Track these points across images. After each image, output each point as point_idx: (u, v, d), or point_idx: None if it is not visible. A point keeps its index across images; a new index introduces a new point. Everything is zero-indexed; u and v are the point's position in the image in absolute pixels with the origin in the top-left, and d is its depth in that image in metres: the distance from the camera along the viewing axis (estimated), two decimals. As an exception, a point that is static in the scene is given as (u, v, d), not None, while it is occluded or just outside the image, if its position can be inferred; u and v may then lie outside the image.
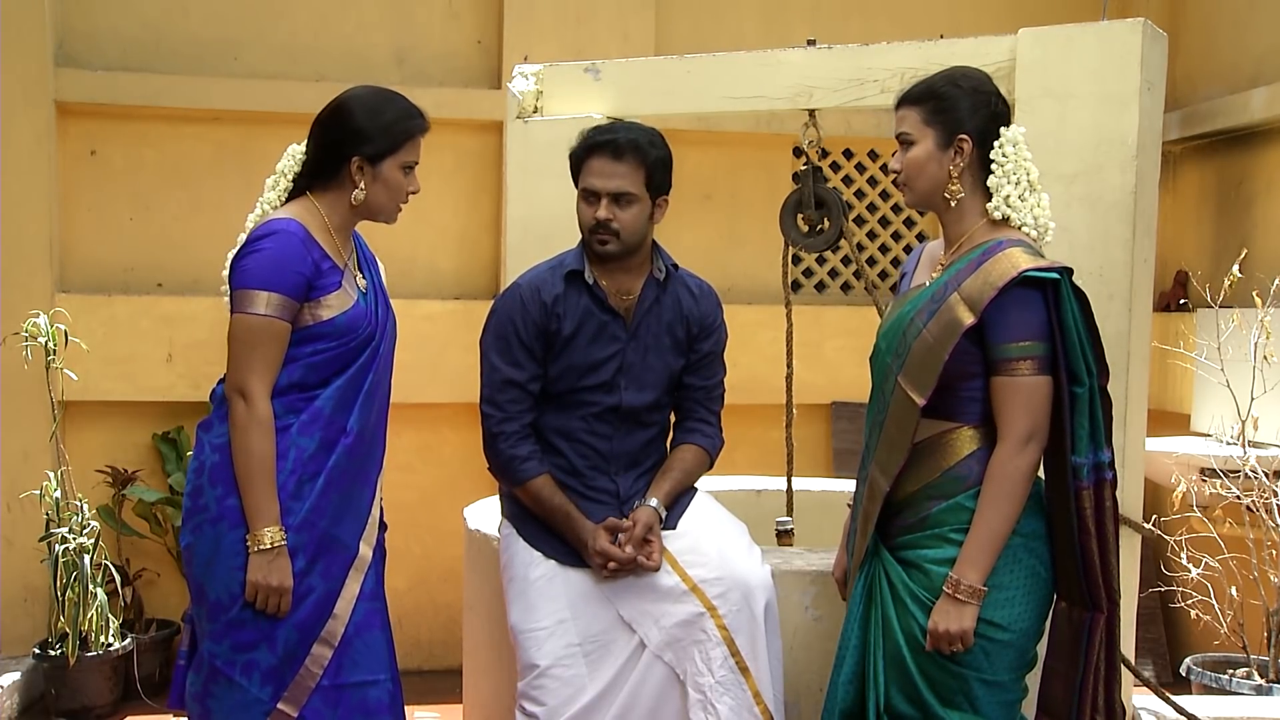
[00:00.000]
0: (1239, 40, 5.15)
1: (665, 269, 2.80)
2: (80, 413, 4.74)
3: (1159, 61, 2.96)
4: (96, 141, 4.91)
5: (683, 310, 2.81)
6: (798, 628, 2.76)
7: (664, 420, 2.86)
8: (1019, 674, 2.34)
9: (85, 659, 4.28)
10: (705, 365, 2.86)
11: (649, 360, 2.77)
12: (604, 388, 2.74)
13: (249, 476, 2.38)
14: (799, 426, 3.57)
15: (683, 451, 2.82)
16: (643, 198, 2.69)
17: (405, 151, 2.52)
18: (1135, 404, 2.92)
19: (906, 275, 2.52)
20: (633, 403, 2.75)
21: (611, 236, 2.68)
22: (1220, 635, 4.13)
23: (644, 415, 2.78)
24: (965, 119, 2.33)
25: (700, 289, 2.87)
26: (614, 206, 2.67)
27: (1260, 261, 4.63)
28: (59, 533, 4.24)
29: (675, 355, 2.80)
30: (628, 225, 2.68)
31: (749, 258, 5.37)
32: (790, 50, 3.21)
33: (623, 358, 2.75)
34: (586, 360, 2.73)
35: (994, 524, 2.24)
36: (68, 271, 4.87)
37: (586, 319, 2.73)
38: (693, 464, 2.82)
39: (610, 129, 2.74)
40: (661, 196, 2.74)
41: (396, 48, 5.14)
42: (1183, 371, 4.72)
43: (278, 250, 2.41)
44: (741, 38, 5.23)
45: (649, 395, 2.77)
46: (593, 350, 2.73)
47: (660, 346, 2.78)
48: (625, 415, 2.76)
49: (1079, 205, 2.85)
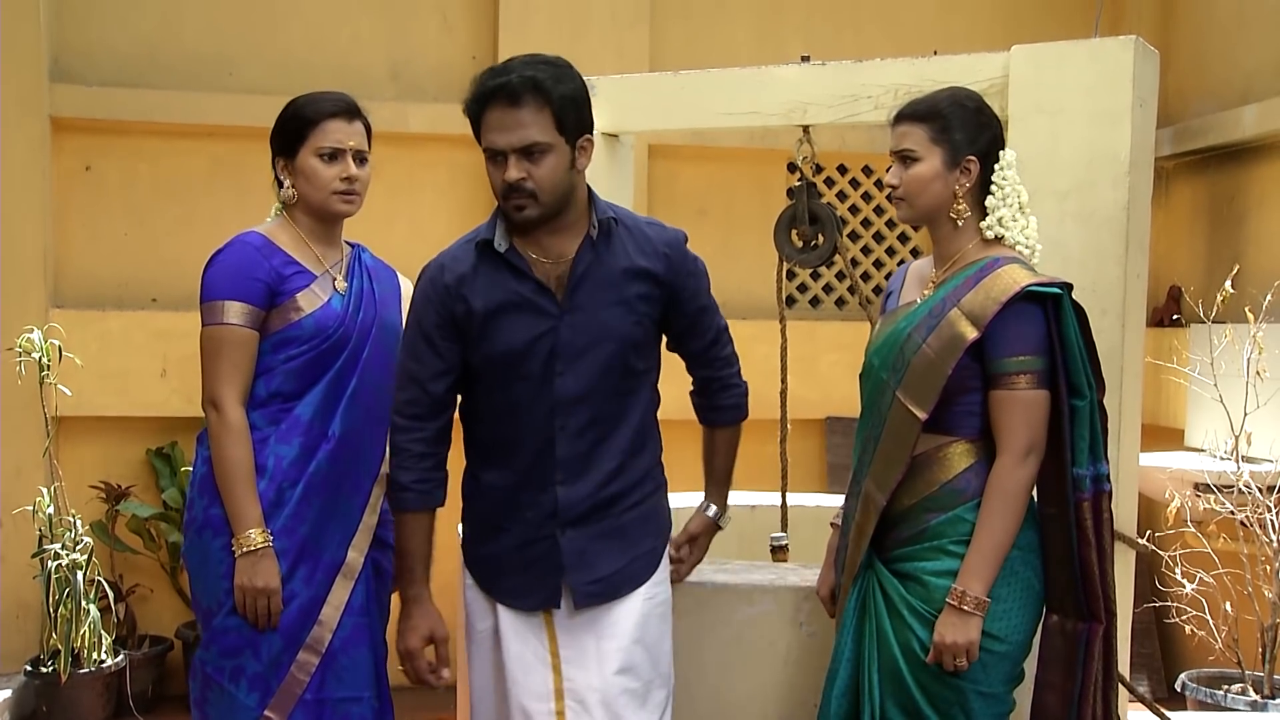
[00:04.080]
0: (1230, 57, 5.18)
1: (602, 221, 2.32)
2: (74, 428, 4.73)
3: (1151, 78, 2.97)
4: (91, 156, 4.91)
5: (633, 266, 2.32)
6: (791, 644, 2.76)
7: (625, 411, 2.35)
8: (1011, 686, 2.36)
9: (77, 675, 4.26)
10: (695, 322, 2.44)
11: (594, 337, 2.29)
12: (535, 377, 2.30)
13: (227, 482, 2.42)
14: (793, 442, 3.56)
15: (716, 441, 2.57)
16: (557, 145, 2.22)
17: (315, 138, 2.51)
18: (1129, 419, 2.93)
19: (893, 293, 2.53)
20: (573, 390, 2.29)
21: (528, 200, 2.22)
22: (1215, 651, 4.13)
23: (594, 406, 2.31)
24: (973, 140, 2.35)
25: (654, 234, 2.38)
26: (525, 163, 2.21)
27: (1252, 277, 4.65)
28: (52, 549, 4.22)
29: (632, 325, 2.32)
30: (545, 182, 2.22)
31: (743, 273, 5.37)
32: (784, 66, 3.22)
33: (555, 338, 2.28)
34: (508, 346, 2.29)
35: (997, 536, 2.26)
36: (62, 286, 4.86)
37: (504, 297, 2.29)
38: (731, 447, 2.58)
39: (504, 69, 2.25)
40: (582, 137, 2.27)
41: (391, 63, 5.16)
42: (1176, 387, 4.72)
43: (231, 260, 2.48)
44: (735, 53, 5.25)
45: (594, 380, 2.30)
46: (515, 333, 2.29)
47: (608, 319, 2.30)
48: (567, 408, 2.30)
49: (1072, 221, 2.86)
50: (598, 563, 2.34)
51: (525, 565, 2.36)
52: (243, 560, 2.40)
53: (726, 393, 2.54)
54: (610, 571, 2.35)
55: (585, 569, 2.33)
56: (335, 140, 2.51)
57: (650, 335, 2.38)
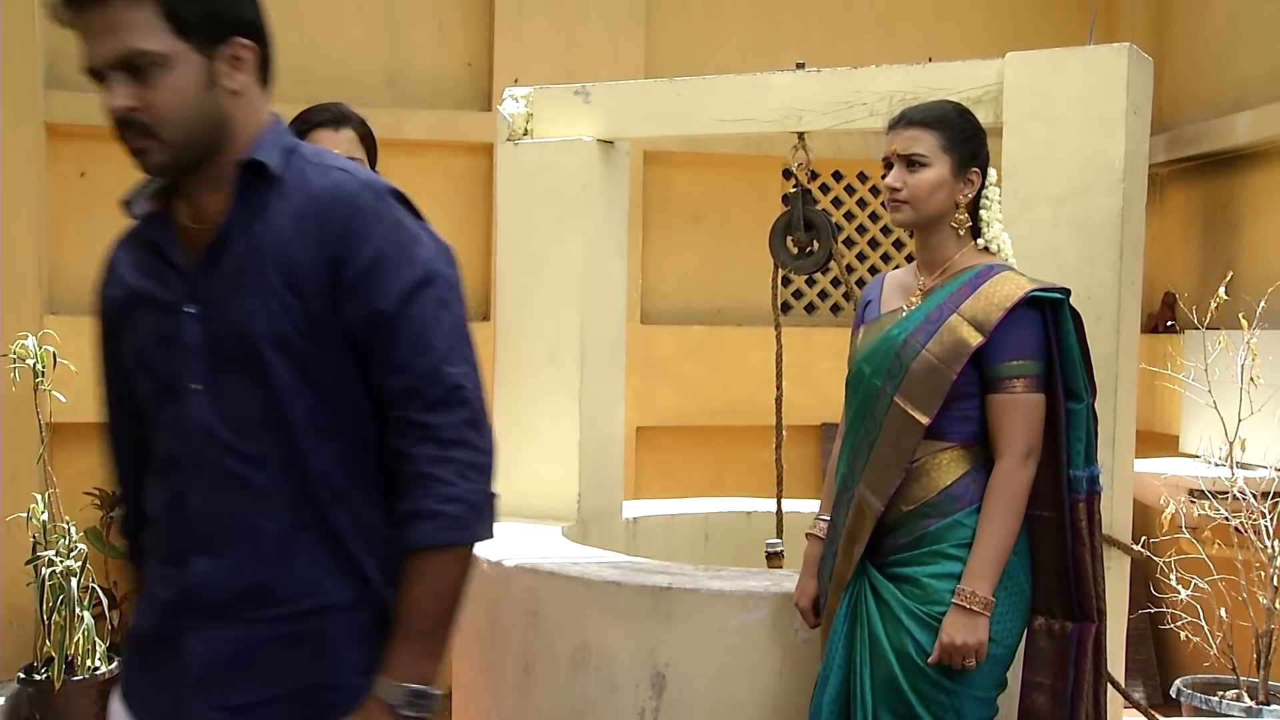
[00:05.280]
0: (1223, 65, 5.19)
1: (264, 164, 1.55)
2: (68, 435, 4.72)
3: (1145, 85, 2.98)
4: (87, 163, 4.91)
5: (286, 245, 1.52)
6: (787, 650, 2.76)
7: (291, 457, 1.53)
8: (999, 690, 2.37)
9: (71, 683, 4.25)
10: (378, 341, 1.53)
11: (243, 337, 1.52)
12: (160, 396, 1.59)
13: None
14: (788, 448, 3.57)
15: (407, 573, 1.53)
16: (177, 54, 1.49)
17: None
18: (1124, 425, 2.93)
19: (871, 302, 2.53)
20: (209, 417, 1.53)
21: (145, 139, 1.51)
22: (1210, 657, 4.13)
23: (244, 441, 1.53)
24: (975, 153, 2.39)
25: (327, 193, 1.54)
26: (135, 84, 1.49)
27: (1246, 283, 4.66)
28: (46, 555, 4.21)
29: (300, 330, 1.52)
30: (163, 108, 1.49)
31: (739, 279, 5.39)
32: (779, 73, 3.23)
33: (181, 336, 1.55)
34: (131, 350, 1.65)
35: (1000, 537, 2.27)
36: (57, 293, 4.86)
37: (135, 281, 1.65)
38: (432, 589, 1.53)
39: None
40: (231, 37, 1.53)
41: (387, 70, 5.16)
42: (1171, 393, 4.73)
43: None
44: (731, 59, 5.25)
45: (244, 404, 1.53)
46: (138, 332, 1.63)
47: (264, 312, 1.52)
48: (202, 442, 1.54)
49: (1067, 227, 2.87)
50: (233, 685, 1.55)
51: (146, 663, 1.64)
52: None
53: (423, 491, 1.51)
54: (243, 703, 1.55)
55: (212, 688, 1.55)
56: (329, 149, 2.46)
57: (322, 343, 1.54)
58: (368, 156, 2.61)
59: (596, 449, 3.58)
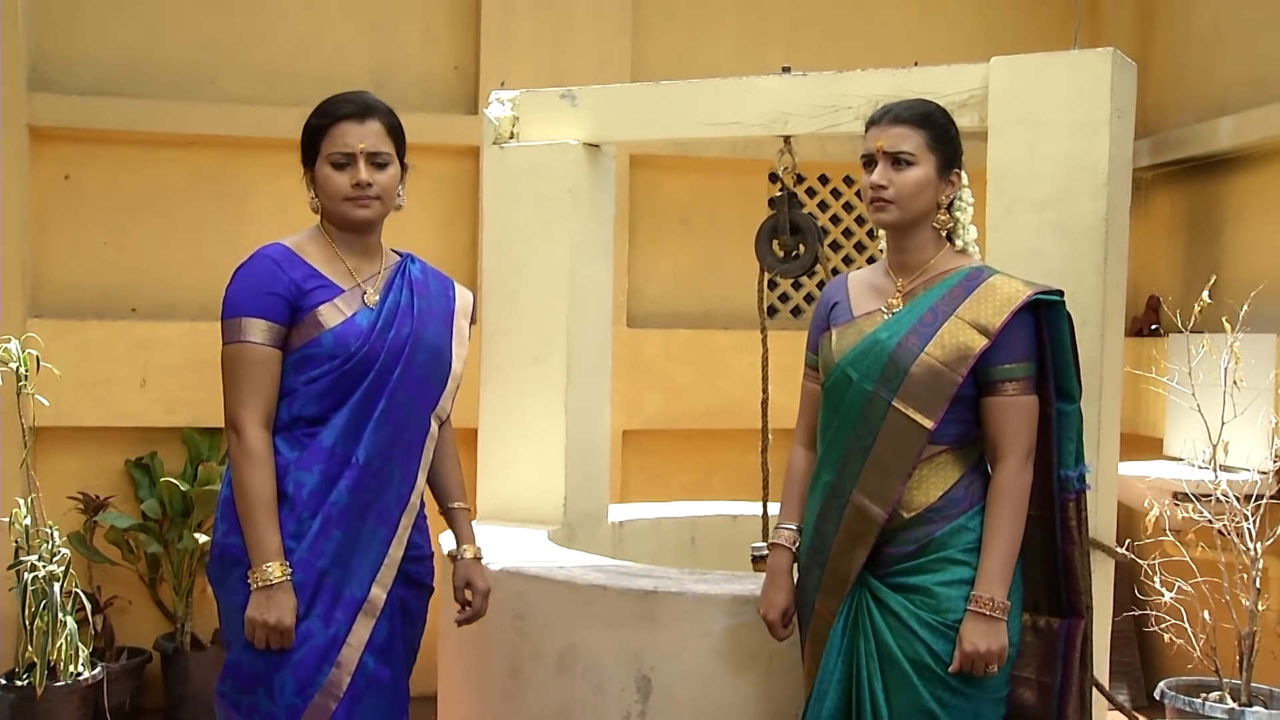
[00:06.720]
0: (1207, 70, 5.22)
1: None
2: (52, 438, 4.70)
3: (1129, 90, 2.99)
4: (71, 166, 4.89)
5: None
6: (773, 654, 2.76)
7: None
8: (1008, 688, 2.37)
9: (53, 689, 4.22)
10: None
11: None
12: None
13: (246, 511, 2.28)
14: (775, 451, 3.56)
15: None
16: None
17: (326, 144, 2.39)
18: (1108, 428, 2.94)
19: (839, 303, 2.48)
20: None
21: None
22: (1194, 659, 4.15)
23: None
24: (955, 155, 2.39)
25: None
26: None
27: (1230, 287, 4.68)
28: (29, 560, 4.18)
29: None
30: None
31: (726, 283, 5.39)
32: (766, 77, 3.23)
33: None
34: None
35: (1010, 539, 2.28)
36: (41, 296, 4.83)
37: None
38: None
39: None
40: None
41: (374, 72, 5.15)
42: (1155, 396, 4.75)
43: (248, 275, 2.36)
44: (718, 63, 5.26)
45: None
46: None
47: None
48: None
49: (1051, 231, 2.88)
50: None
51: None
52: (257, 594, 2.24)
53: None
54: None
55: None
56: (344, 145, 2.38)
57: None
58: (396, 150, 2.45)
59: (583, 452, 3.58)
